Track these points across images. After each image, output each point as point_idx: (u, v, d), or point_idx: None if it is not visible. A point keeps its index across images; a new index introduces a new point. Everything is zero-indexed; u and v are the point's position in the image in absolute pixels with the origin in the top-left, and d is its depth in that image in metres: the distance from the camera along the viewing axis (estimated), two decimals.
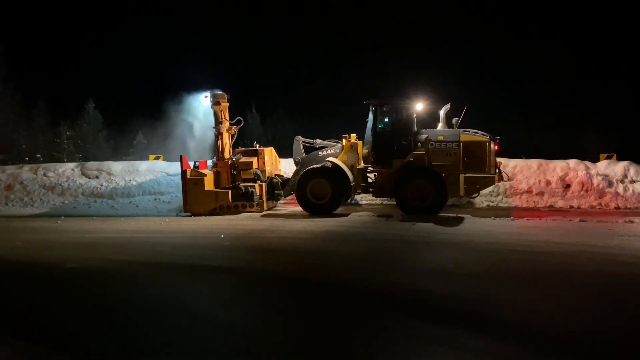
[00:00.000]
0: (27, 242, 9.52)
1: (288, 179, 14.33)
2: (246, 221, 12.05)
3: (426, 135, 12.56)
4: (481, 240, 9.02)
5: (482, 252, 7.99)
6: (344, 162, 13.23)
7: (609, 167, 15.13)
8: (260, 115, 54.36)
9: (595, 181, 14.56)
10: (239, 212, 13.47)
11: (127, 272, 7.05)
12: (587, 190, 14.49)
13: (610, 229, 10.24)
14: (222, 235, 9.61)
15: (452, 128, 12.88)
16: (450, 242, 8.89)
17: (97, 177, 17.51)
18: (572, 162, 15.30)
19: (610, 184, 14.49)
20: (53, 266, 7.40)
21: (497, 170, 12.65)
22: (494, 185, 13.86)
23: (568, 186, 14.73)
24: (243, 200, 13.51)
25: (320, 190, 12.96)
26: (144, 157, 21.51)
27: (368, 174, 13.51)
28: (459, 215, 12.42)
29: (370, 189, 13.45)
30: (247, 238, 9.76)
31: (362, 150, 13.53)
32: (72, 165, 18.82)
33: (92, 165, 18.39)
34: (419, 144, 12.58)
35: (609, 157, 16.03)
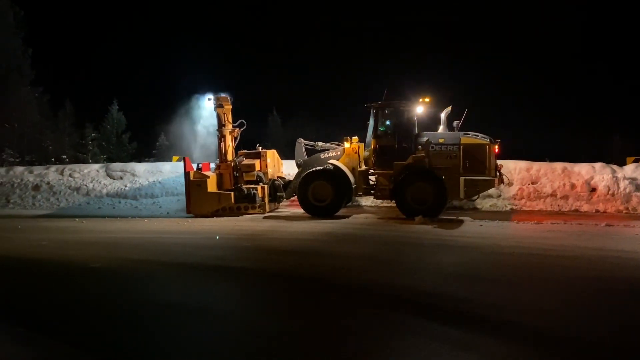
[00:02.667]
0: (53, 242, 9.70)
1: (290, 181, 14.42)
2: (259, 223, 12.15)
3: (427, 138, 12.58)
4: (505, 244, 8.89)
5: (505, 256, 7.88)
6: (345, 165, 13.31)
7: (637, 171, 14.82)
8: (281, 118, 54.63)
9: (621, 185, 14.27)
10: (241, 214, 13.61)
11: (150, 272, 7.14)
12: (613, 194, 14.21)
13: (638, 234, 10.02)
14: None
15: (453, 131, 12.84)
16: (472, 246, 8.79)
17: (121, 178, 17.79)
18: (598, 166, 15.02)
19: (637, 188, 14.19)
20: (78, 265, 7.52)
21: (498, 173, 12.57)
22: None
23: (594, 190, 14.46)
24: (245, 202, 13.68)
25: (322, 192, 13.05)
26: (167, 159, 21.76)
27: (369, 177, 13.54)
28: (482, 218, 12.30)
29: (372, 191, 13.49)
30: (262, 240, 9.79)
31: (363, 152, 13.58)
32: (97, 166, 19.16)
33: (116, 166, 18.69)
34: (420, 146, 12.58)
35: (636, 161, 15.74)
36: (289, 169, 15.92)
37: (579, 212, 13.82)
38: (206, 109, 15.22)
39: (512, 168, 15.33)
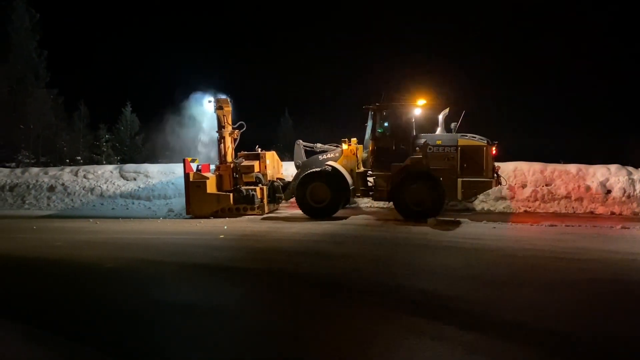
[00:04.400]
0: (67, 242, 9.79)
1: (289, 183, 14.47)
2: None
3: (424, 140, 12.59)
4: (518, 246, 8.82)
5: (519, 259, 7.80)
6: (343, 166, 13.37)
7: None
8: (293, 120, 54.83)
9: (638, 187, 14.10)
10: (240, 215, 13.72)
11: (164, 273, 7.16)
12: (629, 197, 14.04)
13: None
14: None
15: (451, 132, 12.85)
16: (486, 248, 8.71)
17: (134, 179, 17.93)
18: (613, 167, 14.84)
19: None
20: (92, 266, 7.57)
21: (495, 175, 12.56)
22: (493, 189, 13.56)
23: (609, 192, 14.30)
24: (244, 203, 13.78)
25: (320, 193, 13.12)
26: (180, 160, 21.84)
27: (368, 178, 13.56)
28: (495, 220, 12.21)
29: (370, 193, 13.54)
30: (276, 241, 9.80)
31: (362, 154, 13.65)
32: (110, 167, 19.33)
33: (129, 167, 18.84)
34: (418, 148, 12.60)
35: None
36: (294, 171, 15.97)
37: (594, 215, 13.69)
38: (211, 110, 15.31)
39: (525, 170, 15.22)
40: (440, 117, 13.13)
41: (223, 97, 14.49)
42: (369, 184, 13.61)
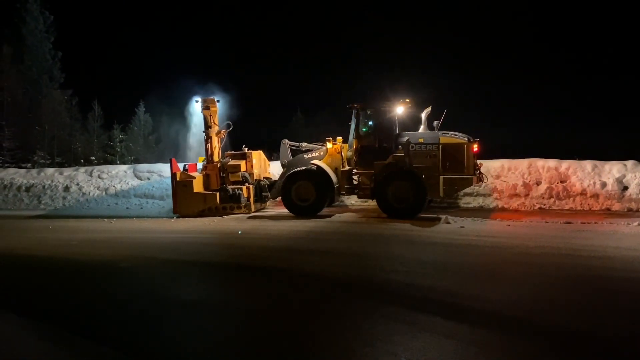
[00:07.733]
0: (83, 241, 9.89)
1: (275, 182, 14.51)
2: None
3: (407, 138, 12.67)
4: (533, 244, 8.73)
5: (534, 257, 7.73)
6: (328, 165, 13.50)
7: None
8: (305, 118, 54.76)
9: None
10: (227, 214, 13.79)
11: (178, 272, 7.22)
12: None
13: None
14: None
15: (433, 130, 12.91)
16: (501, 246, 8.65)
17: (148, 178, 18.06)
18: (630, 164, 14.64)
19: None
20: (107, 265, 7.65)
21: (477, 172, 12.58)
22: (472, 186, 13.53)
23: (625, 188, 14.10)
24: (231, 202, 13.86)
25: (305, 192, 13.27)
26: (193, 159, 21.95)
27: (352, 176, 13.63)
28: (509, 218, 12.12)
29: (355, 191, 13.61)
30: (287, 240, 9.81)
31: (346, 153, 13.73)
32: (124, 167, 19.48)
33: (143, 167, 18.98)
34: (400, 146, 12.67)
35: None
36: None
37: (610, 211, 13.51)
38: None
39: (540, 166, 15.07)
40: (423, 115, 13.24)
41: (210, 97, 14.65)
42: (354, 182, 13.69)
